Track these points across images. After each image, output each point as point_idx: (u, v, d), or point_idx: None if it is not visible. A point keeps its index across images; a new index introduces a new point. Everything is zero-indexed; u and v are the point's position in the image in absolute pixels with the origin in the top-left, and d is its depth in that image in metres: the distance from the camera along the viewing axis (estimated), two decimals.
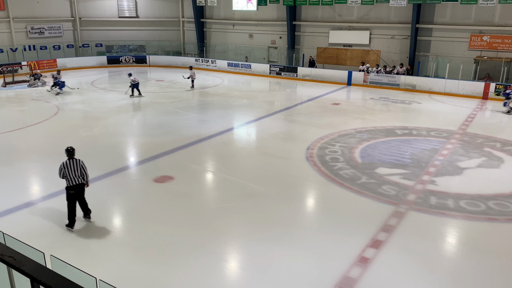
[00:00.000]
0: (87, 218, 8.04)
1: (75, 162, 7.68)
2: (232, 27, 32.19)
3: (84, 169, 7.77)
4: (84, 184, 7.84)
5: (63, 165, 7.62)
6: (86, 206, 8.00)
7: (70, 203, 7.70)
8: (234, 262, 7.00)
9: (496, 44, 22.08)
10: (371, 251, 7.05)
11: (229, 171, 10.97)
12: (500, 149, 12.77)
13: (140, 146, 13.03)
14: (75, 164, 7.65)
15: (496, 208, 8.75)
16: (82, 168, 7.73)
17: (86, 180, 7.86)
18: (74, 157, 7.77)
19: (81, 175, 7.72)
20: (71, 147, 7.90)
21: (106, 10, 32.59)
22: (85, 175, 7.79)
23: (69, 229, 7.70)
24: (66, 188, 7.70)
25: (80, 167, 7.69)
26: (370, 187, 9.77)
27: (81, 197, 7.86)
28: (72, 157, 7.74)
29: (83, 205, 7.96)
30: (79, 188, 7.74)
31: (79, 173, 7.67)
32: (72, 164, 7.64)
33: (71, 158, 7.73)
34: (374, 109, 18.81)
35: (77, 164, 7.67)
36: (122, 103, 18.97)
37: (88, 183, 7.97)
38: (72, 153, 7.78)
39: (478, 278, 6.48)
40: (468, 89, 21.39)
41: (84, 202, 7.96)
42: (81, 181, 7.73)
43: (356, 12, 26.33)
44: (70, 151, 7.78)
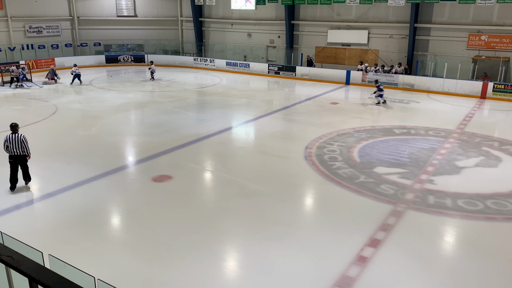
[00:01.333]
0: (26, 183, 9.40)
1: (16, 136, 8.94)
2: (230, 26, 32.17)
3: (24, 143, 9.00)
4: (25, 156, 9.11)
5: (6, 138, 8.96)
6: (26, 174, 9.35)
7: (11, 169, 9.11)
8: (232, 261, 7.00)
9: (494, 44, 22.12)
10: (369, 250, 7.07)
11: (227, 170, 10.97)
12: (498, 148, 12.80)
13: (138, 145, 13.02)
14: (16, 139, 8.91)
15: (494, 207, 8.77)
16: (22, 142, 8.97)
17: (27, 153, 9.11)
18: (17, 132, 9.03)
19: (21, 148, 8.97)
20: (15, 123, 9.21)
21: (104, 9, 32.53)
22: (25, 148, 9.03)
23: (10, 191, 9.13)
24: (9, 157, 9.07)
25: (20, 141, 8.95)
26: (369, 186, 9.78)
27: (22, 166, 9.20)
28: (15, 132, 8.99)
29: (24, 172, 9.30)
30: (17, 158, 9.04)
31: (19, 146, 8.93)
32: (14, 138, 8.92)
33: (14, 133, 8.99)
34: (373, 109, 18.83)
35: (17, 139, 8.93)
36: (120, 102, 18.94)
37: (29, 155, 9.23)
38: (15, 128, 9.07)
39: (475, 277, 6.50)
40: (466, 89, 21.43)
41: (25, 171, 9.31)
42: (20, 152, 8.99)
43: (354, 12, 26.34)
44: (13, 126, 9.09)
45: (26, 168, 9.33)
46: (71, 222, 7.98)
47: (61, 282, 2.33)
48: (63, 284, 2.31)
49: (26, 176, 9.38)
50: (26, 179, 9.42)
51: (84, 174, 10.26)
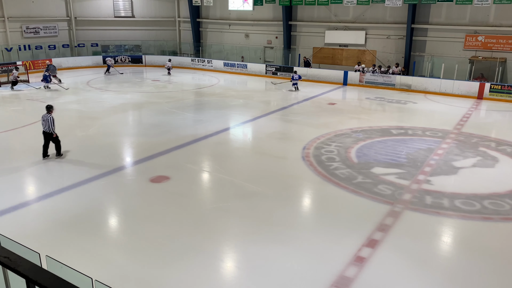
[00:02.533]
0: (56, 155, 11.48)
1: (45, 116, 11.09)
2: (228, 27, 32.18)
3: (49, 122, 11.03)
4: (51, 134, 11.13)
5: (42, 116, 11.21)
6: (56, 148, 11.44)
7: (44, 141, 11.29)
8: (230, 262, 7.00)
9: (491, 44, 22.20)
10: (367, 251, 7.08)
11: (225, 171, 10.96)
12: (495, 148, 12.84)
13: (136, 146, 13.00)
14: (45, 118, 11.08)
15: (491, 208, 8.80)
16: (47, 121, 11.03)
17: (51, 131, 11.10)
18: (48, 112, 11.16)
19: (47, 126, 11.04)
20: (49, 104, 11.49)
21: (101, 9, 32.49)
22: (49, 127, 11.04)
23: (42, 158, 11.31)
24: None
25: (45, 120, 11.05)
26: (366, 186, 9.80)
27: (52, 141, 11.32)
28: (48, 112, 11.18)
29: (55, 146, 11.44)
30: (45, 134, 11.16)
31: (45, 124, 11.05)
32: (44, 117, 11.12)
33: (48, 113, 11.15)
34: (370, 109, 18.86)
35: (45, 118, 11.05)
36: (118, 102, 18.91)
37: (54, 133, 11.17)
38: (48, 109, 11.26)
39: (473, 277, 6.52)
40: (463, 89, 21.50)
41: (55, 146, 11.42)
42: (46, 130, 11.08)
43: (351, 12, 26.39)
44: (47, 107, 11.32)
45: (55, 143, 11.41)
46: (68, 223, 7.97)
47: (58, 283, 2.32)
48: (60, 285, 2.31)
49: (56, 149, 11.47)
50: (56, 152, 11.48)
51: (82, 175, 10.24)
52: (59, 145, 11.51)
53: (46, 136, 11.19)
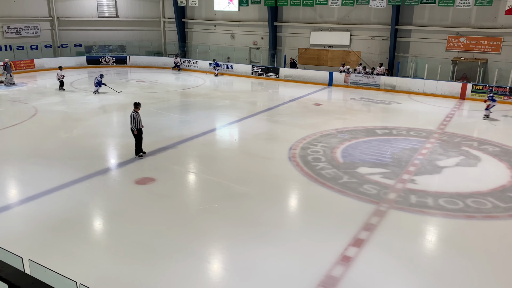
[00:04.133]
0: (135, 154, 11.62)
1: (130, 112, 11.33)
2: (213, 28, 32.11)
3: (131, 119, 11.21)
4: (133, 130, 11.29)
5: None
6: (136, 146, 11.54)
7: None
8: (217, 263, 6.98)
9: (473, 46, 22.62)
10: (353, 250, 7.13)
11: (211, 172, 10.93)
12: (477, 148, 13.08)
13: (121, 147, 12.86)
14: (130, 114, 11.32)
15: (473, 206, 8.95)
16: (130, 118, 11.26)
17: (132, 127, 11.26)
18: (134, 110, 11.30)
19: (130, 123, 11.26)
20: (136, 102, 11.53)
21: (85, 9, 32.08)
22: (130, 123, 11.23)
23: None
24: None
25: (129, 116, 11.30)
26: (352, 186, 9.87)
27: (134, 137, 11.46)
28: (134, 109, 11.33)
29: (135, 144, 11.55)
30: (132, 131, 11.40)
31: (129, 121, 11.27)
32: (131, 115, 11.28)
33: (134, 110, 11.31)
34: (355, 110, 19.02)
35: (130, 114, 11.28)
36: (102, 104, 18.70)
37: (134, 130, 11.28)
38: (135, 106, 11.38)
39: (456, 274, 6.62)
40: (446, 89, 21.85)
41: (136, 144, 11.50)
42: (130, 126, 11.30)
43: (336, 13, 26.59)
44: (134, 104, 11.44)
45: (136, 141, 11.49)
46: (52, 226, 7.84)
47: (42, 287, 2.28)
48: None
49: (136, 147, 11.51)
50: (135, 151, 11.53)
51: (66, 177, 10.09)
52: (140, 143, 11.54)
53: (132, 133, 11.39)
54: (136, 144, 11.57)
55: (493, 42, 22.07)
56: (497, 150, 12.81)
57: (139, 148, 11.62)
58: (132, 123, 11.23)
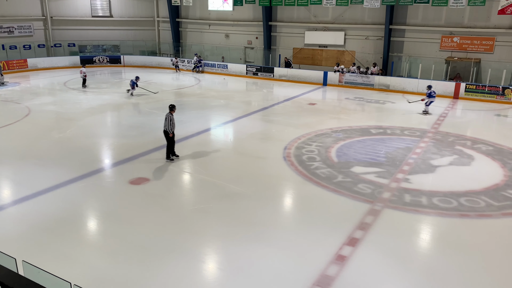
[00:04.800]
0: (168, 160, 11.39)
1: (166, 114, 11.12)
2: (208, 27, 32.06)
3: (166, 121, 11.03)
4: (165, 132, 11.13)
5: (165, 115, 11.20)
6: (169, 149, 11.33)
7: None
8: (211, 263, 6.97)
9: (466, 45, 22.75)
10: (348, 249, 7.15)
11: (206, 172, 10.91)
12: (471, 147, 13.16)
13: (115, 147, 12.82)
14: (165, 116, 11.13)
15: (467, 205, 9.01)
16: (165, 120, 11.06)
17: (168, 131, 11.08)
18: (169, 112, 11.14)
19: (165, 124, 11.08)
20: (172, 104, 11.41)
21: (78, 9, 31.92)
22: (166, 125, 11.05)
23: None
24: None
25: (165, 118, 11.09)
26: (346, 185, 9.90)
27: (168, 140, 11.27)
28: (170, 111, 11.17)
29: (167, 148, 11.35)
30: (165, 134, 11.19)
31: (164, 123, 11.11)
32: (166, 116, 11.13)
33: (169, 112, 11.15)
34: (349, 109, 19.07)
35: (166, 116, 11.10)
36: (96, 103, 18.61)
37: (170, 132, 11.10)
38: (170, 108, 11.24)
39: (450, 272, 6.65)
40: (439, 89, 21.93)
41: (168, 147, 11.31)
42: (164, 128, 11.13)
43: (331, 13, 26.64)
44: (169, 107, 11.30)
45: (168, 144, 11.32)
46: (45, 227, 7.79)
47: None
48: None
49: (168, 150, 11.36)
50: (168, 154, 11.37)
51: (59, 178, 10.04)
52: (172, 147, 11.38)
53: (165, 135, 11.22)
54: (169, 147, 11.34)
55: (486, 42, 22.22)
56: (490, 149, 12.90)
57: (172, 151, 11.45)
58: (168, 125, 11.03)
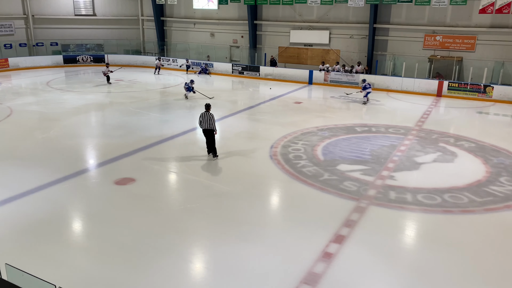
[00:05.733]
0: (214, 157, 11.51)
1: (207, 114, 11.18)
2: (193, 26, 31.91)
3: (212, 120, 11.14)
4: (213, 131, 11.23)
5: (200, 114, 11.30)
6: (212, 148, 11.47)
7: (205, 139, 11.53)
8: (199, 263, 6.95)
9: (448, 44, 23.11)
10: (334, 246, 7.20)
11: (192, 171, 10.87)
12: (454, 144, 13.37)
13: (99, 147, 12.67)
14: (206, 116, 11.16)
15: (451, 201, 9.16)
16: (210, 120, 11.12)
17: (214, 129, 11.21)
18: (208, 111, 11.24)
19: (209, 124, 11.12)
20: (208, 103, 11.55)
21: (61, 7, 31.43)
22: (212, 124, 11.15)
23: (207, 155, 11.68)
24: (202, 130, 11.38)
25: (208, 118, 11.13)
26: (332, 183, 9.97)
27: (209, 139, 11.38)
28: (207, 110, 11.26)
29: (210, 146, 11.48)
30: (206, 132, 11.29)
31: (207, 123, 11.12)
32: (205, 115, 11.18)
33: (207, 111, 11.24)
34: (335, 108, 19.20)
35: (207, 116, 11.14)
36: (80, 103, 18.37)
37: (216, 131, 11.29)
38: (208, 107, 11.36)
39: (435, 268, 6.76)
40: (423, 87, 22.27)
41: (212, 145, 11.45)
42: (207, 127, 11.16)
43: (316, 12, 26.76)
44: (207, 106, 11.43)
45: (212, 143, 11.43)
46: (29, 229, 7.66)
47: None
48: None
49: (211, 149, 11.50)
50: (212, 152, 11.51)
51: (43, 179, 9.88)
52: (215, 145, 11.54)
53: (207, 133, 11.34)
54: (213, 144, 11.50)
55: (467, 40, 22.60)
56: (473, 146, 13.13)
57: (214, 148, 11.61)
58: (214, 123, 11.22)
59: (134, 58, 31.52)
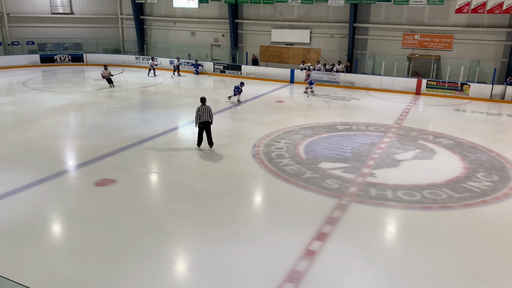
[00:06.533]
0: (210, 147, 12.22)
1: (204, 107, 11.82)
2: (173, 25, 31.65)
3: (211, 112, 11.93)
4: (210, 122, 11.97)
5: (198, 108, 11.82)
6: (210, 139, 12.17)
7: (199, 132, 12.13)
8: (182, 264, 6.89)
9: (426, 43, 23.53)
10: (317, 244, 7.25)
11: (174, 171, 10.78)
12: (432, 141, 13.62)
13: (78, 148, 12.45)
14: (206, 109, 11.83)
15: (430, 197, 9.32)
16: (209, 112, 11.87)
17: (211, 120, 12.00)
18: (205, 103, 11.87)
19: (209, 116, 11.86)
20: (204, 97, 12.10)
21: (37, 5, 30.75)
22: (211, 116, 11.94)
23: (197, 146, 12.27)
24: (199, 123, 11.89)
25: (207, 111, 11.83)
26: (314, 181, 10.03)
27: (207, 131, 12.04)
28: (203, 103, 11.85)
29: (209, 137, 12.14)
30: (205, 124, 11.92)
31: (207, 115, 11.83)
32: (204, 108, 11.80)
33: (203, 104, 11.84)
34: (316, 106, 19.33)
35: (207, 109, 11.83)
36: (58, 103, 18.01)
37: (212, 122, 12.08)
38: (204, 100, 11.93)
39: (416, 263, 6.87)
40: (402, 85, 22.61)
41: (209, 135, 12.13)
42: (207, 119, 11.84)
43: (296, 11, 26.87)
44: (202, 99, 11.97)
45: (210, 133, 12.10)
46: (6, 232, 7.47)
47: None
48: None
49: (210, 141, 12.16)
50: (210, 143, 12.19)
51: (21, 181, 9.65)
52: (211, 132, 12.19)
53: (205, 125, 11.95)
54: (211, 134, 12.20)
55: (445, 39, 23.05)
56: (451, 143, 13.40)
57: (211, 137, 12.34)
58: (212, 115, 12.01)
59: (114, 57, 31.07)
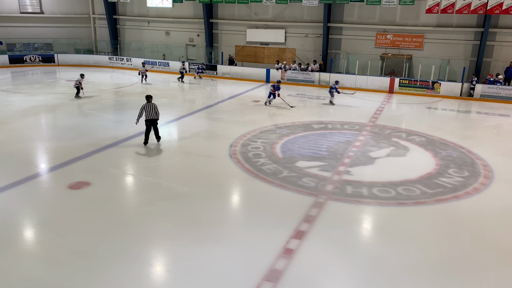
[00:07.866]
0: (158, 141, 12.61)
1: (151, 105, 12.15)
2: (147, 24, 31.27)
3: (157, 109, 12.22)
4: (157, 119, 12.26)
5: (144, 106, 12.13)
6: (158, 134, 12.53)
7: (146, 130, 12.36)
8: (159, 266, 6.82)
9: (398, 42, 24.02)
10: (295, 242, 7.30)
11: (150, 173, 10.65)
12: (406, 138, 13.92)
13: (51, 151, 12.14)
14: (151, 106, 12.13)
15: (404, 193, 9.53)
16: (156, 109, 12.18)
17: (158, 116, 12.27)
18: (151, 101, 12.18)
19: (155, 113, 12.15)
20: (150, 95, 12.40)
21: (4, 4, 29.84)
22: (157, 113, 12.23)
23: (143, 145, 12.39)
24: (145, 120, 12.17)
25: (154, 108, 12.13)
26: (291, 180, 10.10)
27: (155, 128, 12.35)
28: (149, 101, 12.16)
29: (156, 133, 12.49)
30: (152, 121, 12.20)
31: (154, 112, 12.13)
32: (149, 106, 12.13)
33: (149, 102, 12.15)
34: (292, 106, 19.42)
35: (152, 106, 12.14)
36: (28, 105, 17.51)
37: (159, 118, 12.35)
38: (149, 98, 12.22)
39: (391, 258, 7.01)
40: (376, 84, 23.02)
41: (157, 132, 12.49)
42: (154, 116, 12.15)
43: (271, 11, 26.97)
44: (148, 97, 12.25)
45: (157, 130, 12.46)
46: None
47: None
48: None
49: (158, 136, 12.52)
50: (158, 138, 12.55)
51: None
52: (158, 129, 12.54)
53: (152, 122, 12.19)
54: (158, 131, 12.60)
55: (416, 39, 23.59)
56: (423, 140, 13.73)
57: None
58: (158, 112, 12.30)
59: (86, 58, 30.47)
